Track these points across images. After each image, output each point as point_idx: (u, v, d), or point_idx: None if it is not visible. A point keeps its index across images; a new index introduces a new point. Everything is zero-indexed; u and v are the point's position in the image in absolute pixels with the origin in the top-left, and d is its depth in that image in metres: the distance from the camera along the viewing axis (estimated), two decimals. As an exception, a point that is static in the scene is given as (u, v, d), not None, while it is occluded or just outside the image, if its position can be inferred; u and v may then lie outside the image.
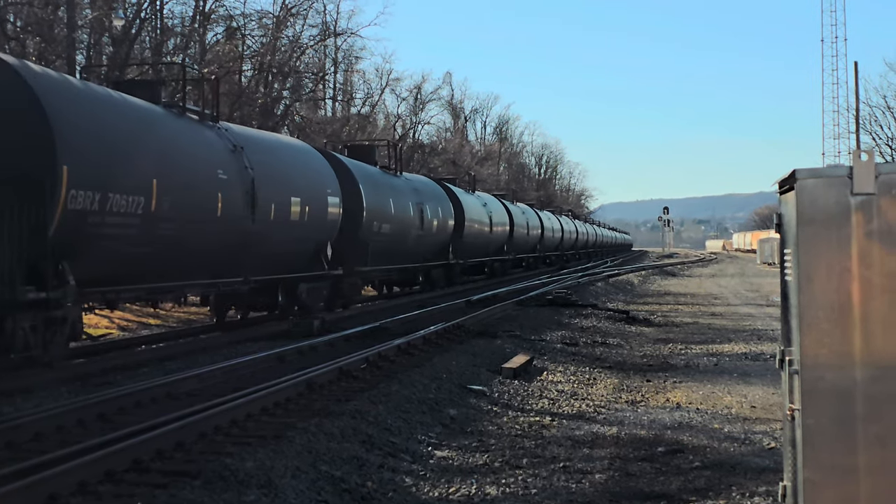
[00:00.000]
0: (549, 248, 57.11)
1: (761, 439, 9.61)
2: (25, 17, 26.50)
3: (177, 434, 8.23)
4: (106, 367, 13.18)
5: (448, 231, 32.99)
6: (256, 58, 36.58)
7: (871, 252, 4.46)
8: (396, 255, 27.43)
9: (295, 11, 39.58)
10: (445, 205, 33.13)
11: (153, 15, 32.22)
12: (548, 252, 57.36)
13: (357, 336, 16.56)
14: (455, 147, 69.19)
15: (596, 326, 21.24)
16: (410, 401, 10.83)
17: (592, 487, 7.82)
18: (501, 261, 43.45)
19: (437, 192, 33.08)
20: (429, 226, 30.42)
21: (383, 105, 58.99)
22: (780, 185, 5.03)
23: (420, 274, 31.28)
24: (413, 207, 28.85)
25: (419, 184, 31.49)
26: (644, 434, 9.95)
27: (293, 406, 10.14)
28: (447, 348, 15.18)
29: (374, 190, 25.40)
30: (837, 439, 4.48)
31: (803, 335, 4.54)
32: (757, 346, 17.64)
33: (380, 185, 26.40)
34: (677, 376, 14.08)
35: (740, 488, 7.69)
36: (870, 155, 4.49)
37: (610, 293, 33.53)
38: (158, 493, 6.57)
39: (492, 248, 40.81)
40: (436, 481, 7.93)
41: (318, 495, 7.11)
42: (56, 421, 8.97)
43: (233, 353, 14.77)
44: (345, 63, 51.55)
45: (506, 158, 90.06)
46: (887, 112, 54.93)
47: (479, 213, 37.79)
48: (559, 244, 61.37)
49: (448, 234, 33.03)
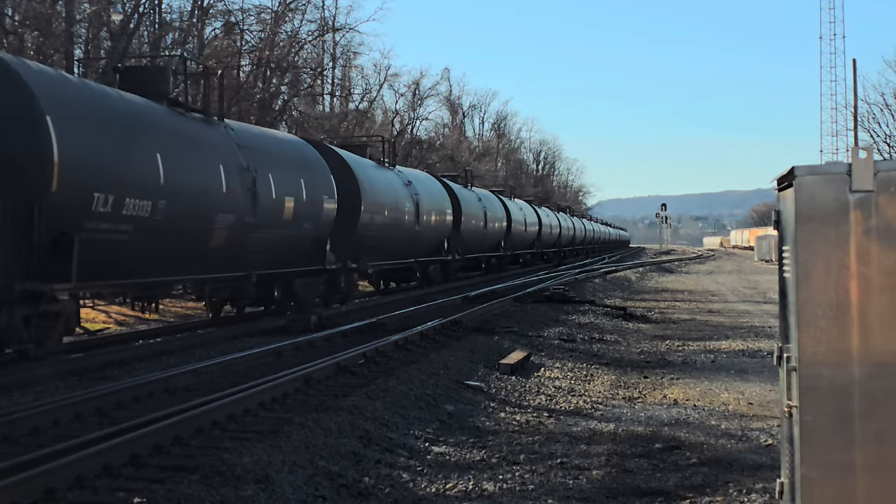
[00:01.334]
0: (546, 244, 57.07)
1: (758, 436, 9.62)
2: (24, 11, 26.45)
3: (174, 429, 8.23)
4: (103, 362, 13.18)
5: (445, 227, 32.87)
6: (255, 53, 36.54)
7: (869, 249, 4.47)
8: (393, 250, 27.29)
9: (293, 7, 39.58)
10: (443, 200, 32.92)
11: (151, 9, 32.20)
12: (545, 248, 57.27)
13: (354, 332, 16.56)
14: (453, 143, 69.20)
15: (593, 323, 21.25)
16: (408, 397, 10.84)
17: (589, 483, 7.82)
18: (498, 257, 43.48)
19: (433, 186, 32.89)
20: (426, 221, 30.21)
21: (381, 100, 59.03)
22: (778, 183, 5.03)
23: (417, 269, 30.89)
24: (409, 202, 28.67)
25: (414, 178, 30.96)
26: (641, 430, 9.96)
27: (290, 401, 10.13)
28: (444, 344, 15.18)
29: (371, 184, 25.22)
30: (835, 436, 4.48)
31: (801, 332, 4.55)
32: (754, 343, 17.66)
33: (376, 180, 26.17)
34: (674, 373, 14.09)
35: (737, 485, 7.70)
36: (868, 152, 4.50)
37: (607, 290, 33.55)
38: (156, 488, 6.57)
39: (489, 244, 40.77)
40: (433, 477, 7.93)
41: (315, 490, 7.11)
42: (53, 415, 8.97)
43: (230, 348, 14.76)
44: (343, 58, 51.60)
45: (504, 154, 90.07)
46: (885, 110, 54.87)
47: (477, 209, 37.76)
48: (557, 241, 61.34)
49: (445, 229, 32.92)
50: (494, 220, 40.66)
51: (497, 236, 41.89)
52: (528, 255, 52.45)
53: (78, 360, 13.23)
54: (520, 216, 47.11)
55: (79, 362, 13.05)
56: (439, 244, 32.69)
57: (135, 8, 29.88)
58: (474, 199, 38.26)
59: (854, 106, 48.34)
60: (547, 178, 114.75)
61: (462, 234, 34.79)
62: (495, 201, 42.65)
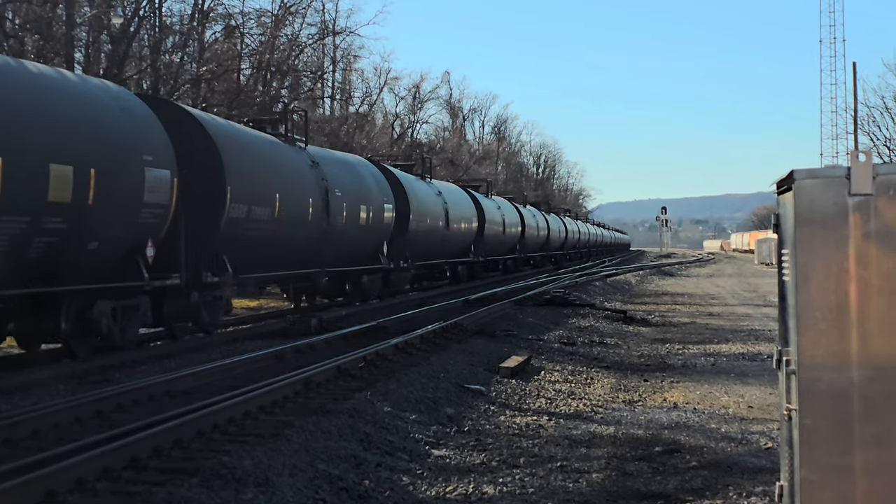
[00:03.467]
0: (553, 247, 60.03)
1: (758, 439, 9.62)
2: (24, 14, 26.50)
3: (175, 432, 8.23)
4: (104, 365, 13.18)
5: (471, 232, 36.63)
6: (255, 56, 36.58)
7: (868, 253, 4.47)
8: (430, 253, 31.07)
9: (293, 10, 39.61)
10: (468, 208, 36.76)
11: (152, 13, 32.24)
12: (552, 251, 60.12)
13: (355, 335, 16.57)
14: (453, 146, 69.23)
15: (593, 326, 21.25)
16: (408, 400, 10.84)
17: (589, 487, 7.83)
18: (514, 259, 47.27)
19: (460, 196, 36.56)
20: (456, 227, 33.86)
21: (382, 104, 59.13)
22: (778, 186, 5.03)
23: (448, 269, 35.17)
24: (442, 210, 32.30)
25: (445, 189, 34.49)
26: (641, 434, 9.96)
27: (291, 404, 10.14)
28: (445, 347, 15.18)
29: (416, 196, 29.34)
30: (834, 439, 4.49)
31: (800, 335, 4.55)
32: (754, 347, 17.66)
33: (419, 192, 30.17)
34: (674, 376, 14.09)
35: (737, 488, 7.70)
36: (867, 155, 4.50)
37: (608, 293, 33.55)
38: (156, 491, 6.58)
39: (507, 247, 44.68)
40: (433, 480, 7.93)
41: (315, 493, 7.11)
42: (54, 418, 8.98)
43: (231, 351, 14.77)
44: (343, 62, 51.62)
45: (504, 158, 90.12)
46: (885, 113, 54.93)
47: (497, 216, 41.52)
48: (563, 244, 64.50)
49: (471, 234, 36.63)
50: (511, 226, 44.53)
51: (513, 240, 45.64)
52: (538, 258, 55.48)
53: (78, 364, 13.22)
54: (532, 222, 50.99)
55: (79, 365, 13.05)
56: (466, 247, 36.47)
57: (135, 11, 29.92)
58: (494, 207, 42.03)
59: (854, 109, 48.37)
60: (547, 181, 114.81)
61: (485, 239, 38.50)
62: (512, 209, 46.20)
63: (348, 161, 25.79)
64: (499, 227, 41.35)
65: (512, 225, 44.47)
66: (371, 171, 26.45)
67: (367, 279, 25.05)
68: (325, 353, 14.04)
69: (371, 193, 25.17)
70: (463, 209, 35.37)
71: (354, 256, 24.20)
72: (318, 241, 21.35)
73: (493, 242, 40.39)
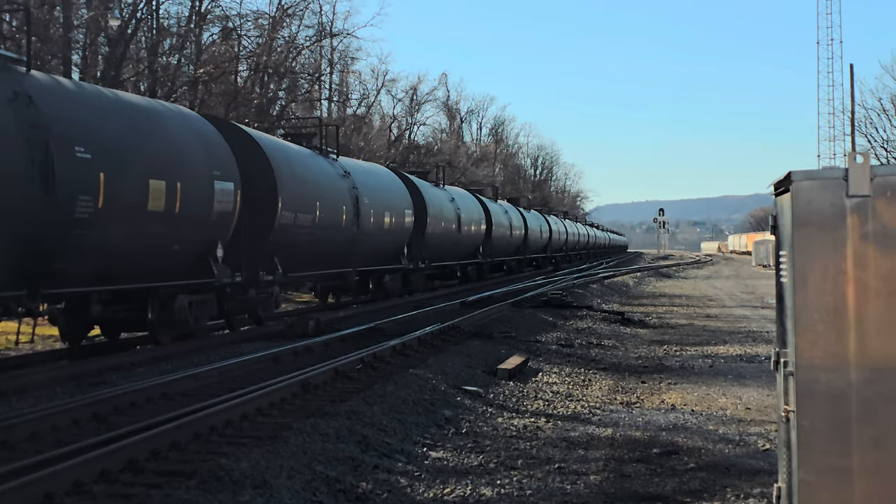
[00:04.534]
0: (555, 249, 61.56)
1: (756, 441, 9.62)
2: (21, 16, 26.44)
3: (172, 434, 8.23)
4: (101, 367, 13.17)
5: (480, 235, 38.56)
6: (252, 58, 36.54)
7: (866, 254, 4.47)
8: (444, 254, 33.01)
9: (291, 12, 39.59)
10: (477, 213, 38.55)
11: (149, 15, 32.19)
12: (554, 253, 61.42)
13: (352, 337, 16.56)
14: (451, 148, 69.19)
15: (591, 328, 21.25)
16: (405, 402, 10.83)
17: (587, 488, 7.83)
18: (518, 260, 48.46)
19: (470, 201, 38.20)
20: (466, 230, 35.77)
21: (379, 106, 59.10)
22: (775, 187, 5.03)
23: (459, 270, 36.97)
24: (454, 215, 34.18)
25: (457, 195, 36.44)
26: (639, 435, 9.96)
27: (288, 406, 10.13)
28: (442, 349, 15.17)
29: (432, 202, 31.28)
30: (832, 441, 4.49)
31: (798, 337, 4.55)
32: (752, 348, 17.67)
33: (435, 198, 32.15)
34: (672, 378, 14.10)
35: (735, 490, 7.71)
36: (865, 157, 4.50)
37: (605, 295, 33.55)
38: (153, 493, 6.57)
39: (511, 248, 46.31)
40: (430, 482, 7.93)
41: (313, 496, 7.11)
42: (51, 421, 8.97)
43: (228, 353, 14.76)
44: (340, 64, 51.64)
45: (501, 160, 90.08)
46: (882, 114, 55.06)
47: (503, 220, 43.47)
48: (563, 246, 66.16)
49: (480, 237, 38.58)
50: (516, 229, 46.32)
51: (517, 242, 47.14)
52: (540, 259, 56.56)
53: (76, 366, 13.22)
54: (535, 225, 52.50)
55: (77, 367, 13.04)
56: (475, 249, 38.44)
57: (132, 13, 29.89)
58: (501, 210, 43.80)
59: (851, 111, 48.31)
60: (545, 183, 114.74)
61: (492, 241, 40.30)
62: (516, 213, 47.71)
63: (374, 171, 28.48)
64: (505, 230, 43.48)
65: (516, 228, 46.40)
66: (393, 180, 29.27)
67: (389, 278, 27.67)
68: (323, 355, 14.03)
69: (394, 200, 27.71)
70: (473, 213, 37.47)
71: (379, 257, 26.74)
72: (349, 244, 23.64)
73: (500, 244, 42.50)
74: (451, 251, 34.10)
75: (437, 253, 32.16)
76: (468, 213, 36.33)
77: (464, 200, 36.82)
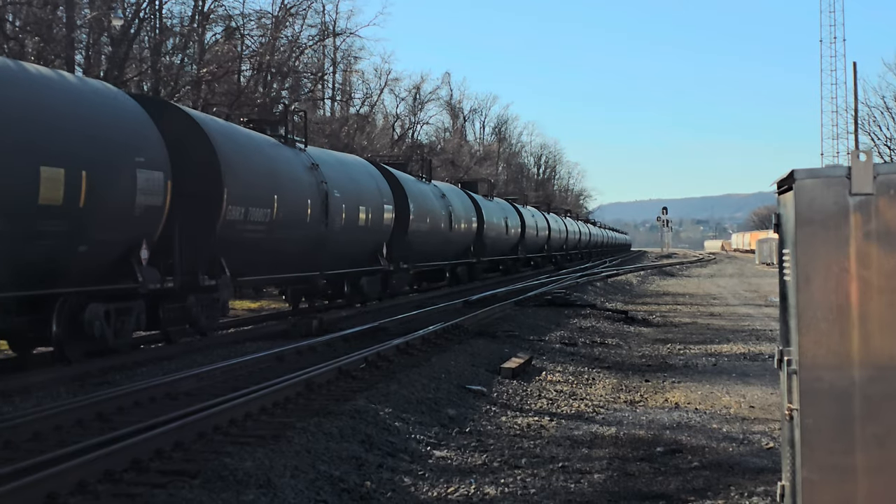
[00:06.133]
0: (555, 248, 60.27)
1: (760, 439, 9.62)
2: (24, 16, 26.49)
3: (175, 434, 8.23)
4: (105, 367, 13.17)
5: (471, 233, 36.70)
6: (255, 58, 36.56)
7: (869, 252, 4.47)
8: (431, 254, 31.03)
9: (294, 11, 39.57)
10: (469, 210, 36.86)
11: (152, 15, 32.22)
12: (553, 252, 60.23)
13: (355, 336, 16.56)
14: (454, 147, 69.25)
15: (595, 327, 21.24)
16: (409, 401, 10.84)
17: (591, 487, 7.83)
18: (514, 259, 47.09)
19: (462, 198, 36.66)
20: (456, 228, 33.88)
21: (382, 105, 59.18)
22: (778, 186, 5.03)
23: (447, 270, 35.08)
24: (444, 212, 32.32)
25: (447, 191, 34.59)
26: (643, 434, 9.96)
27: (292, 406, 10.14)
28: (446, 348, 15.18)
29: (415, 197, 29.00)
30: (835, 439, 4.49)
31: (801, 335, 4.55)
32: (755, 347, 17.65)
33: (419, 193, 30.01)
34: (676, 376, 14.09)
35: (738, 488, 7.70)
36: (868, 155, 4.50)
37: (609, 293, 33.53)
38: (157, 493, 6.58)
39: (507, 248, 44.79)
40: (434, 481, 7.93)
41: (317, 495, 7.11)
42: (55, 421, 8.98)
43: (232, 352, 14.76)
44: (343, 63, 51.63)
45: (504, 158, 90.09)
46: (886, 112, 55.00)
47: (498, 218, 41.93)
48: (563, 244, 64.68)
49: (471, 235, 36.71)
50: (512, 227, 44.83)
51: (513, 241, 45.69)
52: (539, 258, 55.41)
53: (80, 366, 13.22)
54: (532, 223, 50.93)
55: (81, 367, 13.04)
56: (466, 248, 36.44)
57: (135, 13, 29.91)
58: (494, 207, 42.19)
59: (854, 109, 48.37)
60: (548, 182, 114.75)
61: (485, 240, 38.50)
62: (512, 210, 46.44)
63: (348, 162, 25.56)
64: (499, 229, 41.66)
65: (512, 226, 44.80)
66: (371, 172, 26.19)
67: (365, 281, 24.61)
68: (327, 355, 14.04)
69: (370, 194, 24.86)
70: (462, 210, 35.39)
71: (353, 258, 23.88)
72: (316, 243, 21.07)
73: (493, 243, 40.62)
74: (439, 250, 31.82)
75: (423, 252, 29.80)
76: (457, 210, 34.16)
77: (452, 196, 34.64)
